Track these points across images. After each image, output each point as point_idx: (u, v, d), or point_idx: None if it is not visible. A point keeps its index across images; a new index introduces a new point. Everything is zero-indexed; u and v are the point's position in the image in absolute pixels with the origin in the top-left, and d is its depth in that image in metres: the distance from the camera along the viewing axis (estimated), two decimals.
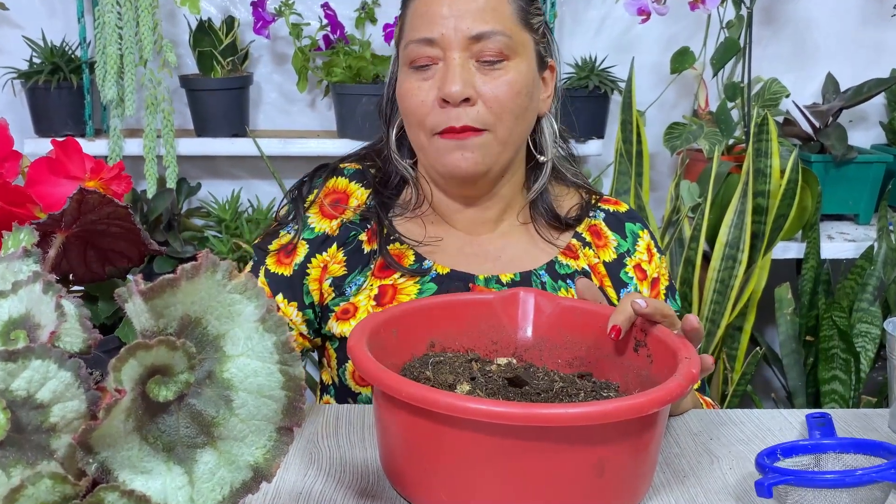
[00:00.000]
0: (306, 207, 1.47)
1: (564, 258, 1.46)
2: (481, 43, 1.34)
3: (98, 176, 1.27)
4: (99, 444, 0.67)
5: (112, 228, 1.03)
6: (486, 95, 1.35)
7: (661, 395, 0.95)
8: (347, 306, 1.41)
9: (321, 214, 1.46)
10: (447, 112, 1.35)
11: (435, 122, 1.36)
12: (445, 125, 1.35)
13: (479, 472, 0.94)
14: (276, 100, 2.82)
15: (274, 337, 0.73)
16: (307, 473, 1.11)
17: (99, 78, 2.45)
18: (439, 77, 1.35)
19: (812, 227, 2.55)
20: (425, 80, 1.36)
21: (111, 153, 2.52)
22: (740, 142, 2.69)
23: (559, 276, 1.44)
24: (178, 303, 0.71)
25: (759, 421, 1.28)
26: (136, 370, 0.68)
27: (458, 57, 1.34)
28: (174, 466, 0.71)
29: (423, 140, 1.39)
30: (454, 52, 1.34)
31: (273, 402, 0.73)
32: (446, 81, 1.33)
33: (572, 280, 1.44)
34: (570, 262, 1.46)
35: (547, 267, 1.45)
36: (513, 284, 1.41)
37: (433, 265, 1.42)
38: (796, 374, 2.58)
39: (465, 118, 1.34)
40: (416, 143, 1.43)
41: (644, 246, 1.52)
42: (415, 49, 1.37)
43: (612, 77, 2.67)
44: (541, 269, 1.44)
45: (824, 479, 0.97)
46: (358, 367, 1.00)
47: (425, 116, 1.36)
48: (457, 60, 1.34)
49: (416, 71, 1.37)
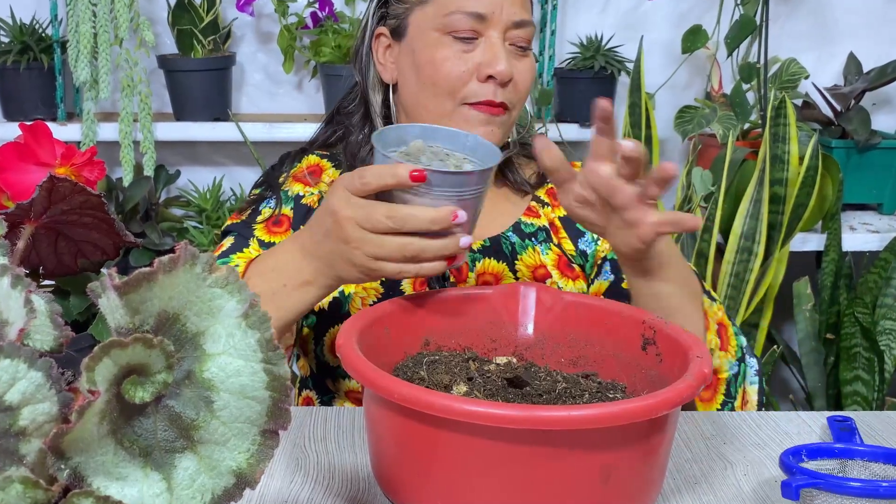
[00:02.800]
0: (280, 184, 1.57)
1: (527, 218, 1.60)
2: (520, 30, 1.48)
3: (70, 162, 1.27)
4: (71, 449, 0.67)
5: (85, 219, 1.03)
6: (516, 78, 1.48)
7: (672, 397, 0.95)
8: None
9: (302, 184, 1.56)
10: (487, 86, 1.45)
11: (470, 93, 1.46)
12: (485, 97, 1.45)
13: (477, 478, 0.94)
14: (261, 81, 2.81)
15: (257, 334, 0.73)
16: (293, 480, 1.11)
17: (71, 58, 2.45)
18: (484, 52, 1.46)
19: (833, 218, 2.55)
20: (466, 52, 1.46)
21: (84, 138, 2.52)
22: (756, 126, 2.69)
23: (525, 235, 1.57)
24: (156, 298, 0.71)
25: (776, 424, 1.29)
26: (111, 370, 0.68)
27: (498, 37, 1.46)
28: (151, 472, 0.71)
29: (447, 108, 1.47)
30: (497, 31, 1.46)
31: (257, 403, 0.73)
32: (497, 59, 1.45)
33: (536, 238, 1.57)
34: (533, 220, 1.60)
35: (513, 228, 1.58)
36: (483, 250, 1.53)
37: None
38: (816, 375, 2.58)
39: (502, 95, 1.46)
40: (434, 110, 1.48)
41: None
42: (463, 20, 1.45)
43: (619, 57, 2.67)
44: (508, 231, 1.57)
45: (850, 487, 0.98)
46: (348, 367, 1.01)
47: (461, 87, 1.46)
48: (499, 40, 1.46)
49: (458, 41, 1.46)
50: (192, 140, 2.70)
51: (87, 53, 2.43)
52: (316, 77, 2.71)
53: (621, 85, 2.71)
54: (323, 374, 1.52)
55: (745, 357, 1.43)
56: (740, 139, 2.64)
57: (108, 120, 2.59)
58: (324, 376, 1.52)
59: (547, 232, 1.59)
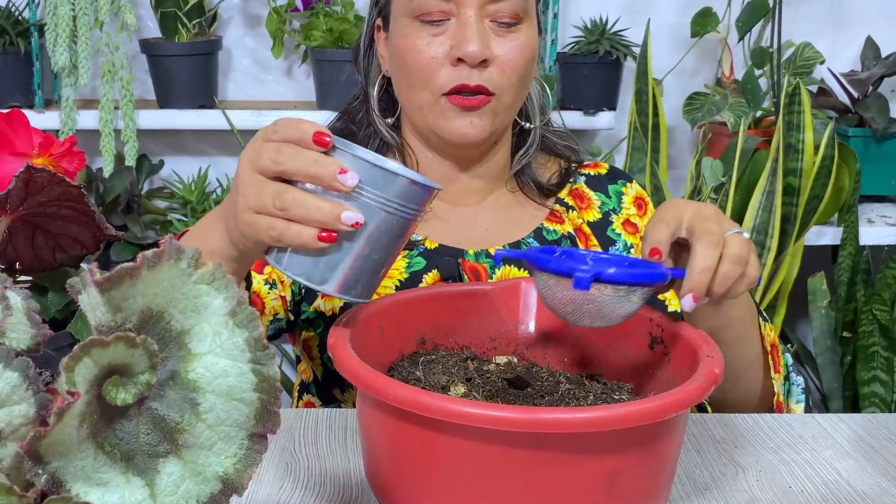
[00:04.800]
0: None
1: (550, 223, 1.55)
2: (499, 3, 1.39)
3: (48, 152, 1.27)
4: (49, 453, 0.67)
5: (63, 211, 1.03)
6: (500, 58, 1.40)
7: (681, 398, 0.95)
8: None
9: None
10: (460, 70, 1.39)
11: (445, 81, 1.40)
12: (457, 82, 1.39)
13: (476, 484, 0.94)
14: (249, 67, 2.81)
15: (245, 332, 0.73)
16: (283, 486, 1.11)
17: (49, 42, 2.44)
18: (454, 34, 1.39)
19: (850, 210, 2.56)
20: (435, 36, 1.40)
21: (63, 126, 2.52)
22: (769, 114, 2.69)
23: (547, 243, 1.52)
24: (138, 294, 0.71)
25: (790, 427, 1.29)
26: (91, 370, 0.68)
27: (473, 15, 1.39)
28: (133, 478, 0.71)
29: (426, 100, 1.42)
30: (470, 9, 1.39)
31: (244, 405, 0.73)
32: (465, 40, 1.37)
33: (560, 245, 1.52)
34: (556, 226, 1.55)
35: (534, 234, 1.53)
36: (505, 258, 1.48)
37: (421, 239, 1.49)
38: (832, 375, 2.58)
39: (478, 78, 1.39)
40: (413, 103, 1.45)
41: (630, 200, 1.61)
42: (428, 1, 1.40)
43: (625, 41, 2.67)
44: (528, 237, 1.52)
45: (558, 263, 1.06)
46: (340, 368, 1.00)
47: (434, 74, 1.40)
48: (473, 18, 1.38)
49: (426, 25, 1.40)
50: (176, 128, 2.70)
51: (65, 37, 2.42)
52: (306, 62, 2.71)
53: (627, 71, 2.71)
54: (330, 384, 1.50)
55: (791, 375, 1.42)
56: (752, 127, 2.64)
57: (87, 107, 2.59)
58: (331, 385, 1.50)
59: (572, 239, 1.55)
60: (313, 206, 0.98)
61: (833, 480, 1.14)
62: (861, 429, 1.28)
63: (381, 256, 1.02)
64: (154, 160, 2.69)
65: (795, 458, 1.19)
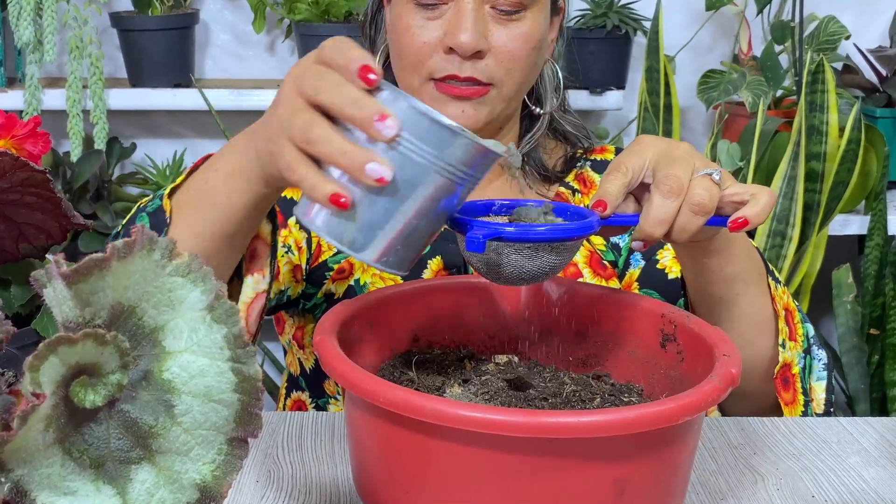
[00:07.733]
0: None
1: None
2: None
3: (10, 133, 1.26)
4: (12, 460, 0.67)
5: (27, 198, 1.03)
6: (498, 48, 1.40)
7: (695, 401, 0.95)
8: (344, 265, 1.49)
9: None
10: (451, 59, 1.40)
11: (435, 68, 1.41)
12: (447, 72, 1.40)
13: (473, 493, 0.94)
14: (228, 42, 2.81)
15: (224, 329, 0.73)
16: (265, 494, 1.11)
17: (12, 16, 2.44)
18: (449, 20, 1.39)
19: (877, 197, 2.56)
20: (430, 20, 1.41)
21: (27, 106, 2.52)
22: (790, 93, 2.69)
23: None
24: (108, 288, 0.71)
25: (812, 431, 1.29)
26: (58, 370, 0.68)
27: (472, 1, 1.38)
28: (104, 486, 0.71)
29: (414, 83, 1.43)
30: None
31: (223, 407, 0.73)
32: (458, 29, 1.38)
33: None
34: None
35: None
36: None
37: None
38: (858, 375, 2.59)
39: (469, 70, 1.40)
40: (404, 84, 1.46)
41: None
42: None
43: (634, 15, 2.66)
44: None
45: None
46: (326, 367, 1.00)
47: (425, 60, 1.41)
48: (471, 5, 1.38)
49: (421, 8, 1.41)
50: (149, 109, 2.70)
51: (30, 10, 2.42)
52: (290, 38, 2.71)
53: (637, 46, 2.71)
54: (321, 377, 1.51)
55: (812, 348, 1.38)
56: (772, 108, 2.64)
57: (53, 86, 2.58)
58: (321, 378, 1.51)
59: None
60: (338, 149, 0.93)
61: (859, 489, 1.14)
62: (890, 433, 1.28)
63: (425, 224, 0.97)
64: (125, 143, 2.68)
65: (818, 465, 1.19)
